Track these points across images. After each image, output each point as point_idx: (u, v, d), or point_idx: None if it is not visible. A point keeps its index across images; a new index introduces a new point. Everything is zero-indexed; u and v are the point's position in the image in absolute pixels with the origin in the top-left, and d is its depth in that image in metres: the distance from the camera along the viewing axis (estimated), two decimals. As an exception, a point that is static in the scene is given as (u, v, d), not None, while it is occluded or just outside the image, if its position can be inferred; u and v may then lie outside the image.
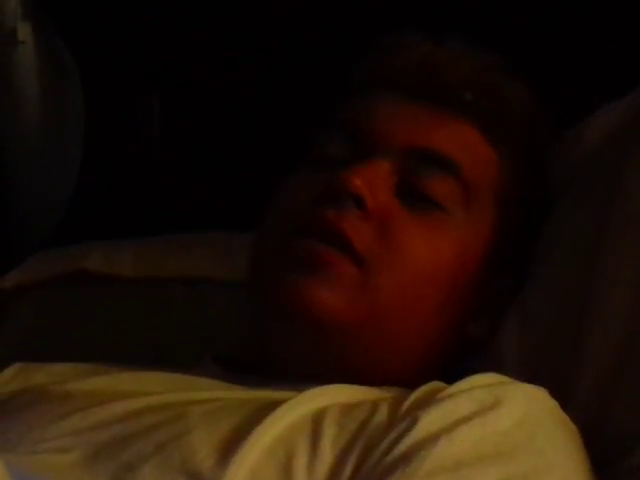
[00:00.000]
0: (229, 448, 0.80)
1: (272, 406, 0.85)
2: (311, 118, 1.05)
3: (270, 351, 1.00)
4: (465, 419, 0.81)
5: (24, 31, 1.38)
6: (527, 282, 1.03)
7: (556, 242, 1.03)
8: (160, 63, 1.42)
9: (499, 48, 1.04)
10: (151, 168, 1.43)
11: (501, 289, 1.02)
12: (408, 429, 0.81)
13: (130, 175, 1.43)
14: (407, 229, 0.96)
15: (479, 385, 0.86)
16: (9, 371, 1.02)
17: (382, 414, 0.84)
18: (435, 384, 0.88)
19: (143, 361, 1.01)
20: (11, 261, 1.35)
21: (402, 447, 0.79)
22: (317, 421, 0.84)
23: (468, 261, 1.00)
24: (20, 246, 1.41)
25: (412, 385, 0.91)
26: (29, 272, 1.33)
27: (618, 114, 1.05)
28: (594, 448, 0.88)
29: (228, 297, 1.20)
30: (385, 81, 1.05)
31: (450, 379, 0.90)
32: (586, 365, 0.95)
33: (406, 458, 0.79)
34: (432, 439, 0.80)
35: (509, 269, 1.03)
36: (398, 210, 0.97)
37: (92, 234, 1.35)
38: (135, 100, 1.43)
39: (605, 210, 1.00)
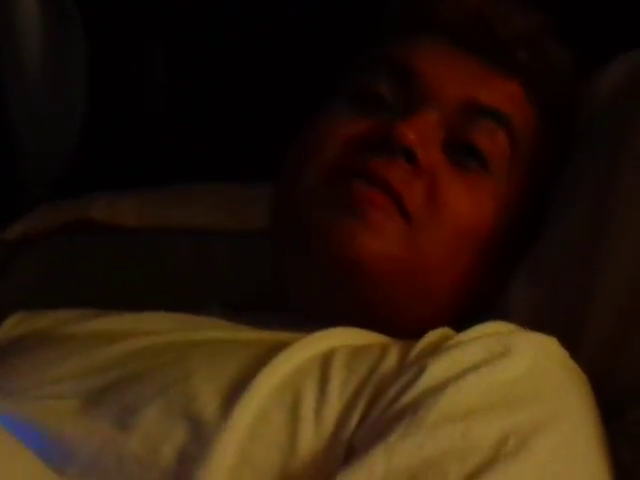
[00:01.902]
0: (233, 392, 0.79)
1: (278, 348, 0.84)
2: (320, 65, 1.04)
3: (291, 295, 0.99)
4: (474, 367, 0.80)
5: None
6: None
7: (568, 192, 1.02)
8: (164, 7, 1.41)
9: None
10: (155, 117, 1.42)
11: (520, 248, 1.01)
12: (416, 377, 0.79)
13: (134, 123, 1.42)
14: (453, 188, 0.95)
15: (488, 333, 0.85)
16: (11, 319, 1.02)
17: (391, 360, 0.83)
18: (444, 331, 0.87)
19: (147, 308, 0.99)
20: (14, 213, 1.35)
21: (410, 394, 0.78)
22: (325, 364, 0.83)
23: (501, 224, 0.99)
24: (24, 198, 1.42)
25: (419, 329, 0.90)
26: (33, 223, 1.32)
27: (630, 66, 1.03)
28: (601, 399, 0.87)
29: (233, 247, 1.19)
30: (435, 24, 1.02)
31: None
32: (594, 318, 0.94)
33: (414, 406, 0.77)
34: (440, 387, 0.78)
35: (530, 229, 1.02)
36: (446, 167, 0.95)
37: (96, 185, 1.33)
38: (138, 46, 1.42)
39: (616, 160, 0.98)
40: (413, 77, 0.98)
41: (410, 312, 0.97)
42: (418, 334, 0.89)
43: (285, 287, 0.99)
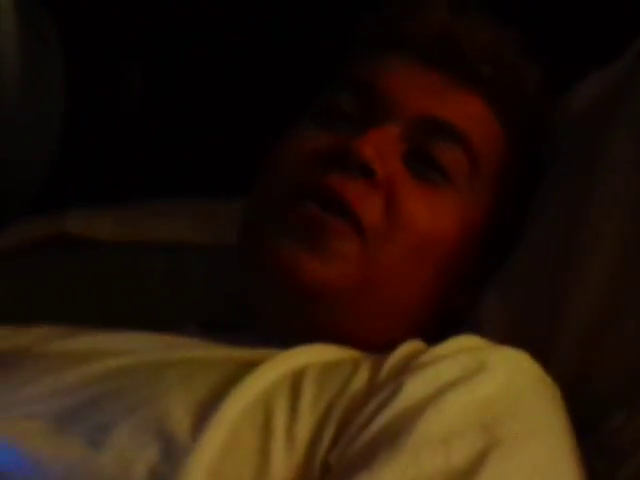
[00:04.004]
0: (205, 411, 0.78)
1: (251, 366, 0.83)
2: (295, 85, 1.04)
3: (257, 312, 0.97)
4: (450, 385, 0.79)
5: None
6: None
7: (538, 211, 1.00)
8: (141, 29, 1.40)
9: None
10: (131, 133, 1.39)
11: (490, 262, 0.99)
12: (392, 396, 0.79)
13: (112, 142, 1.40)
14: (413, 200, 0.93)
15: (462, 349, 0.84)
16: None
17: (363, 375, 0.82)
18: (415, 344, 0.86)
19: (124, 324, 0.98)
20: None
21: (388, 414, 0.78)
22: (296, 381, 0.82)
23: (466, 236, 0.96)
24: (1, 214, 1.41)
25: (391, 345, 0.89)
26: (10, 237, 1.29)
27: (602, 83, 1.01)
28: (574, 412, 0.85)
29: (209, 262, 1.17)
30: (400, 42, 1.00)
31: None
32: (565, 332, 0.92)
33: (394, 428, 0.77)
34: (418, 408, 0.78)
35: (500, 244, 1.00)
36: (405, 178, 0.93)
37: (73, 202, 1.30)
38: (117, 66, 1.40)
39: (588, 179, 0.96)
40: (375, 93, 0.96)
41: (376, 326, 0.95)
42: (391, 346, 0.88)
43: (252, 305, 0.99)
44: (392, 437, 0.76)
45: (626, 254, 0.91)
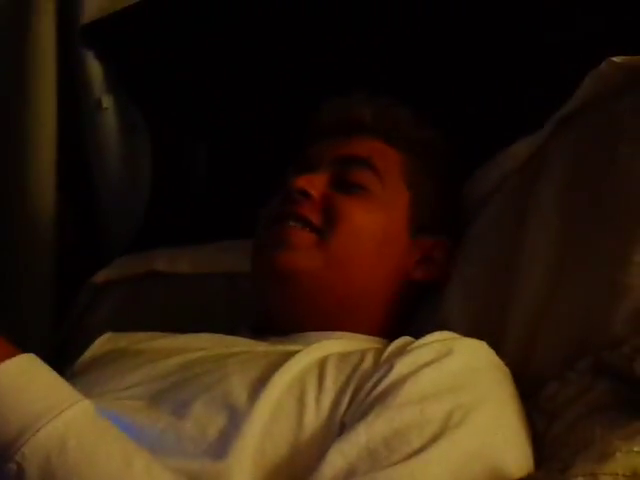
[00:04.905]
0: (258, 387, 0.89)
1: (288, 356, 0.94)
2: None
3: (269, 309, 1.09)
4: (426, 364, 0.90)
5: (107, 100, 1.49)
6: (467, 264, 1.12)
7: (487, 234, 1.12)
8: (205, 120, 1.49)
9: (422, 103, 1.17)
10: (199, 195, 1.50)
11: (431, 244, 1.12)
12: (386, 372, 0.89)
13: (183, 199, 1.51)
14: (344, 205, 1.08)
15: (437, 339, 0.94)
16: (102, 338, 1.13)
17: (368, 362, 0.93)
18: (406, 338, 0.96)
19: (196, 331, 1.08)
20: (101, 263, 1.45)
21: (383, 385, 0.88)
22: (322, 366, 0.92)
23: (392, 222, 1.10)
24: (107, 252, 1.51)
25: (385, 330, 1.04)
26: (114, 270, 1.42)
27: (526, 147, 1.14)
28: (520, 384, 0.96)
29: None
30: (324, 127, 1.19)
31: (414, 328, 1.01)
32: (512, 328, 1.04)
33: (385, 393, 0.87)
34: (403, 379, 0.88)
35: (431, 230, 1.12)
36: (335, 195, 1.09)
37: (158, 243, 1.43)
38: (187, 146, 1.51)
39: (522, 218, 1.09)
40: (305, 162, 1.14)
41: (347, 298, 1.06)
42: (377, 329, 1.03)
43: (266, 306, 1.10)
44: (383, 399, 0.85)
45: (550, 275, 1.03)
